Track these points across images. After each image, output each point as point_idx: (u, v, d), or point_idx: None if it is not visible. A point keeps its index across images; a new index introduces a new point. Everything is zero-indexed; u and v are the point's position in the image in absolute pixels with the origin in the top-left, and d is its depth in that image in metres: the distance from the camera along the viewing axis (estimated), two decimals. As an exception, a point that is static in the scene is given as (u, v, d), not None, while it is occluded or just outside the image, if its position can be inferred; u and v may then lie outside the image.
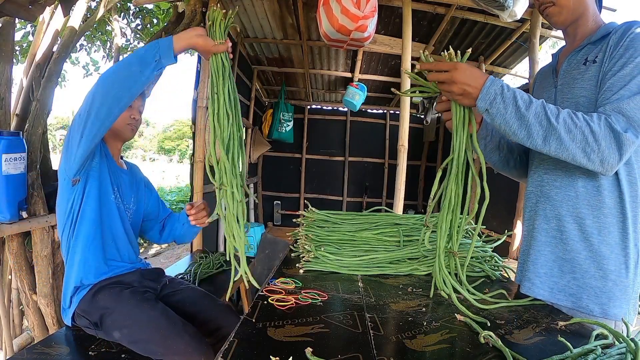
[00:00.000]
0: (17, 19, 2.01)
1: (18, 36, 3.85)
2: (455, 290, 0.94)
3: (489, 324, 0.81)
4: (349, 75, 4.56)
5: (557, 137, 0.84)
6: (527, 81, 3.60)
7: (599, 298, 0.93)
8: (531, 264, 1.03)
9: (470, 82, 0.87)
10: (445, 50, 0.93)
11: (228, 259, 1.05)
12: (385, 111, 5.75)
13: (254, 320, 0.79)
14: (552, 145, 0.85)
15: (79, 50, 4.68)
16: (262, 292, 0.96)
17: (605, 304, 0.92)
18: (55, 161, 2.09)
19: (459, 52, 0.93)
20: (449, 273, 0.96)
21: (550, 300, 0.99)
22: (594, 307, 0.93)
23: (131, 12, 4.39)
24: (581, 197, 0.95)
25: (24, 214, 1.83)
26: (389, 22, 3.38)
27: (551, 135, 0.84)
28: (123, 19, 4.42)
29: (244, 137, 4.08)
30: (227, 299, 1.53)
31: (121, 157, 1.53)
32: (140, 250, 4.49)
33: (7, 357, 1.67)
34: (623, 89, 0.85)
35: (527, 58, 3.33)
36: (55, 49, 2.39)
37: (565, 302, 0.97)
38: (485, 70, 3.94)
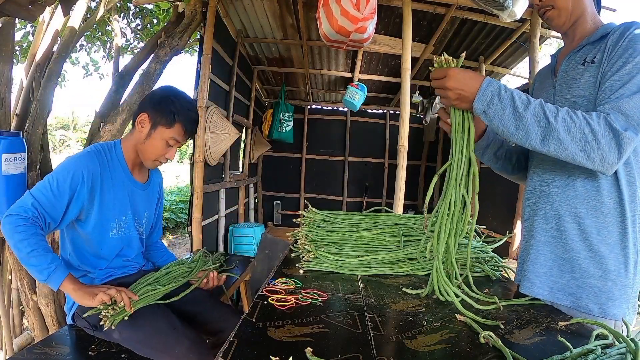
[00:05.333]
0: (17, 19, 2.01)
1: (18, 36, 3.85)
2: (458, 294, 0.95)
3: (501, 327, 0.80)
4: (349, 75, 4.56)
5: (556, 136, 0.84)
6: (527, 81, 3.60)
7: (598, 298, 0.93)
8: (531, 263, 1.03)
9: (464, 86, 0.88)
10: (441, 54, 0.94)
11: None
12: (385, 111, 5.75)
13: (254, 320, 0.79)
14: (551, 145, 0.85)
15: (79, 50, 4.68)
16: (262, 292, 0.96)
17: (605, 304, 0.92)
18: (55, 161, 2.09)
19: (454, 60, 0.92)
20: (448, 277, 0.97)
21: (549, 299, 1.00)
22: (593, 307, 0.93)
23: (131, 12, 4.39)
24: (580, 197, 0.96)
25: (24, 214, 1.83)
26: (389, 22, 3.37)
27: (550, 135, 0.84)
28: (123, 19, 4.42)
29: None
30: (227, 300, 1.54)
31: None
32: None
33: (7, 357, 1.67)
34: (622, 88, 0.85)
35: (527, 58, 3.33)
36: (55, 49, 2.39)
37: (564, 302, 0.97)
38: (485, 70, 3.94)
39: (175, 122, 1.30)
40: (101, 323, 1.11)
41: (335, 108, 5.80)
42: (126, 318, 1.14)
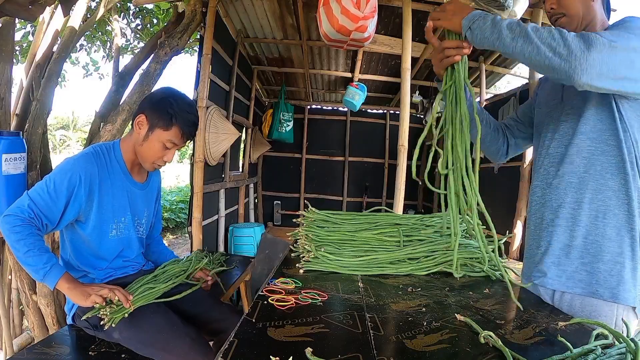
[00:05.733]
0: (17, 19, 2.01)
1: (18, 36, 3.86)
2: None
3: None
4: (349, 75, 4.56)
5: (525, 35, 0.87)
6: (527, 81, 3.60)
7: (608, 282, 0.95)
8: (540, 255, 1.06)
9: (459, 9, 0.97)
10: None
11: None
12: (385, 111, 5.75)
13: (254, 320, 0.79)
14: (518, 42, 0.88)
15: (79, 50, 4.68)
16: (262, 292, 0.96)
17: (615, 288, 0.94)
18: (55, 161, 2.09)
19: None
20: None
21: (560, 288, 1.01)
22: (604, 292, 0.95)
23: (131, 12, 4.39)
24: (585, 182, 0.98)
25: (24, 214, 1.83)
26: (389, 22, 3.37)
27: (519, 36, 0.88)
28: (123, 19, 4.42)
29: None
30: (227, 300, 1.54)
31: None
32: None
33: (7, 357, 1.67)
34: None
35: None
36: (55, 49, 2.39)
37: (575, 289, 0.99)
38: (485, 70, 3.94)
39: (173, 124, 1.27)
40: (102, 323, 1.11)
41: (335, 108, 5.80)
42: (126, 315, 1.15)
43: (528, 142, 1.28)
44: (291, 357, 0.62)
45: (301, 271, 1.16)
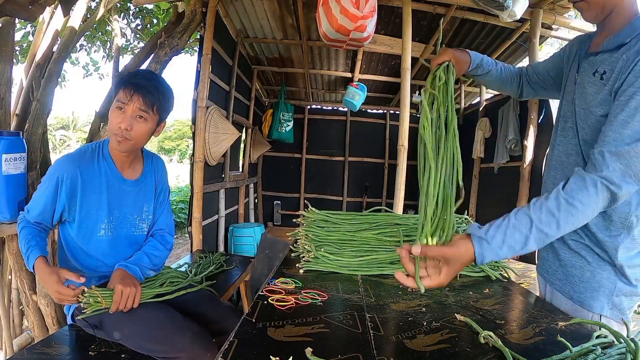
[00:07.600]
0: (17, 19, 2.01)
1: (18, 36, 3.86)
2: None
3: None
4: (349, 75, 4.56)
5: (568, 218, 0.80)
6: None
7: (608, 244, 0.94)
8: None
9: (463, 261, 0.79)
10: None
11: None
12: (385, 111, 5.75)
13: (254, 320, 0.79)
14: (567, 228, 0.81)
15: (79, 50, 4.69)
16: (262, 292, 0.96)
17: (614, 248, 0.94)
18: (55, 161, 2.09)
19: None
20: None
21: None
22: (604, 254, 0.95)
23: (131, 12, 4.40)
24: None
25: (24, 214, 1.83)
26: (389, 22, 3.37)
27: (543, 231, 0.79)
28: (123, 19, 4.42)
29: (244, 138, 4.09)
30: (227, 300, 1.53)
31: (145, 153, 1.45)
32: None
33: (7, 357, 1.67)
34: (622, 131, 0.83)
35: (527, 58, 3.33)
36: (55, 49, 2.39)
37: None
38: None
39: (121, 84, 1.26)
40: (83, 310, 1.16)
41: (335, 108, 5.80)
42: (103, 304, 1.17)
43: (542, 93, 1.26)
44: (291, 357, 0.62)
45: (301, 271, 1.17)
